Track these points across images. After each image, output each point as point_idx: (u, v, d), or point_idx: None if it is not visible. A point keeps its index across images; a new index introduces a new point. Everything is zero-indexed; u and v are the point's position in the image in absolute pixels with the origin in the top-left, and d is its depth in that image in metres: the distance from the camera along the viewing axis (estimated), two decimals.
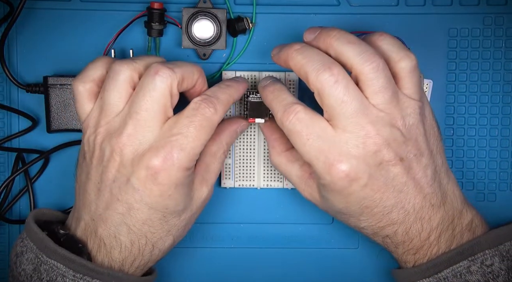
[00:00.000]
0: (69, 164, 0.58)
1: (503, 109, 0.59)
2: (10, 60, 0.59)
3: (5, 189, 0.58)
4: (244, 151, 0.59)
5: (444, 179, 0.52)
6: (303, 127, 0.49)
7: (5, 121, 0.59)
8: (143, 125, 0.49)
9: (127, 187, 0.49)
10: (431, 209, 0.51)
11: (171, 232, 0.52)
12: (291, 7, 0.58)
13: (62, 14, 0.58)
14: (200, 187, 0.53)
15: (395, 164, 0.49)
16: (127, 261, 0.51)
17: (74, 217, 0.53)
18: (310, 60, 0.49)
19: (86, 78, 0.51)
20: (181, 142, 0.49)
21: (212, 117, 0.50)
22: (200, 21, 0.57)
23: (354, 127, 0.48)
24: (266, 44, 0.59)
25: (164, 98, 0.49)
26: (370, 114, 0.48)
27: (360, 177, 0.48)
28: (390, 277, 0.57)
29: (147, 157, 0.48)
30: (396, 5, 0.59)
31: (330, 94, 0.48)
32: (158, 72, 0.49)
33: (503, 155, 0.60)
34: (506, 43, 0.59)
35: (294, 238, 0.60)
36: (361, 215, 0.51)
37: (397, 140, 0.49)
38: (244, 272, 0.60)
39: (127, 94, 0.50)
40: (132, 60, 0.51)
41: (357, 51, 0.48)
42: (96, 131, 0.51)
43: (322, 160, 0.49)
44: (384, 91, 0.48)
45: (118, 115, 0.50)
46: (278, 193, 0.60)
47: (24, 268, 0.50)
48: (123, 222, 0.50)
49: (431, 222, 0.51)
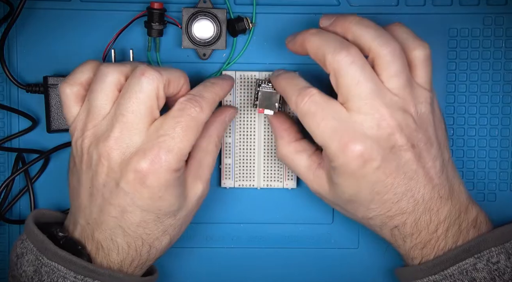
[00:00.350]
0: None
1: (503, 109, 0.59)
2: (10, 60, 0.59)
3: (5, 189, 0.58)
4: (244, 151, 0.59)
5: (450, 172, 0.52)
6: (318, 108, 0.49)
7: (5, 121, 0.59)
8: (130, 128, 0.49)
9: (118, 191, 0.49)
10: (439, 200, 0.51)
11: (167, 232, 0.52)
12: (291, 7, 0.58)
13: (62, 14, 0.58)
14: (194, 184, 0.53)
15: (407, 150, 0.49)
16: (125, 262, 0.51)
17: (71, 220, 0.53)
18: (328, 41, 0.49)
19: (73, 81, 0.51)
20: (168, 143, 0.48)
21: (198, 117, 0.50)
22: (200, 21, 0.57)
23: (369, 109, 0.48)
24: (266, 44, 0.59)
25: (150, 100, 0.49)
26: (385, 97, 0.49)
27: (373, 158, 0.48)
28: (390, 277, 0.57)
29: (134, 160, 0.48)
30: (396, 5, 0.59)
31: (346, 74, 0.48)
32: (145, 73, 0.49)
33: (503, 155, 0.60)
34: (506, 43, 0.59)
35: (294, 238, 0.60)
36: (371, 203, 0.50)
37: (409, 126, 0.49)
38: (244, 272, 0.60)
39: (113, 96, 0.50)
40: (120, 64, 0.51)
41: (375, 35, 0.49)
42: (83, 135, 0.50)
43: (336, 140, 0.48)
44: (399, 75, 0.49)
45: (105, 118, 0.50)
46: (278, 193, 0.60)
47: (25, 270, 0.50)
48: (118, 225, 0.50)
49: (439, 215, 0.51)
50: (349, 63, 0.48)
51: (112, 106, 0.50)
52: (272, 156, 0.59)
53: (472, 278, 0.50)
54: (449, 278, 0.50)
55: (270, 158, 0.59)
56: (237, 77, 0.58)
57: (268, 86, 0.56)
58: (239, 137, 0.59)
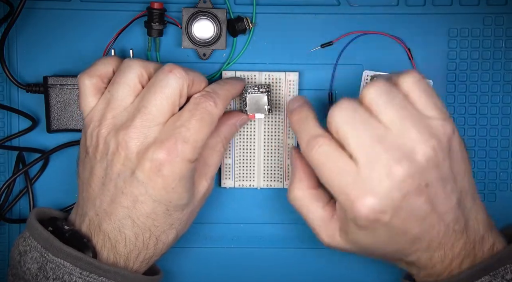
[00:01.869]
0: (69, 164, 0.58)
1: (503, 109, 0.59)
2: (10, 60, 0.59)
3: (6, 190, 0.58)
4: (244, 151, 0.59)
5: (469, 203, 0.50)
6: (326, 161, 0.48)
7: (5, 121, 0.59)
8: (151, 120, 0.50)
9: (132, 180, 0.50)
10: (453, 235, 0.49)
11: (174, 226, 0.52)
12: (291, 7, 0.58)
13: (62, 14, 0.58)
14: (200, 181, 0.53)
15: (419, 194, 0.47)
16: (132, 255, 0.51)
17: (77, 213, 0.53)
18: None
19: (93, 72, 0.52)
20: (184, 134, 0.49)
21: (212, 111, 0.51)
22: (200, 21, 0.57)
23: (375, 158, 0.46)
24: (266, 44, 0.59)
25: (174, 96, 0.50)
26: (386, 140, 0.47)
27: (384, 212, 0.46)
28: (390, 277, 0.57)
29: (151, 150, 0.49)
30: (396, 5, 0.59)
31: (342, 130, 0.47)
32: (173, 70, 0.50)
33: (503, 155, 0.60)
34: (506, 43, 0.59)
35: (293, 238, 0.60)
36: (386, 248, 0.50)
37: (420, 167, 0.46)
38: (244, 272, 0.60)
39: (136, 89, 0.51)
40: (144, 60, 0.52)
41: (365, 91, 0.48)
42: (100, 125, 0.51)
43: (345, 195, 0.47)
44: (395, 112, 0.47)
45: (126, 110, 0.51)
46: (278, 193, 0.60)
47: (28, 267, 0.50)
48: (127, 216, 0.50)
49: (454, 249, 0.50)
50: (343, 122, 0.47)
51: (134, 99, 0.51)
52: (272, 156, 0.59)
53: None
54: None
55: (270, 157, 0.59)
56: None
57: (254, 90, 0.56)
58: (239, 137, 0.59)
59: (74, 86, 0.57)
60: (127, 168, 0.50)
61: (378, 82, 0.48)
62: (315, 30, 0.58)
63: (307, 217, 0.53)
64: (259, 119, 0.58)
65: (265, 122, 0.59)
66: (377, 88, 0.47)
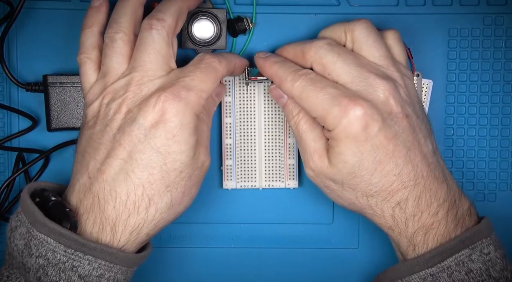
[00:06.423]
0: (69, 163, 0.58)
1: (503, 109, 0.59)
2: (10, 60, 0.59)
3: (6, 189, 0.58)
4: (244, 152, 0.59)
5: (440, 159, 0.53)
6: (315, 82, 0.51)
7: (5, 121, 0.59)
8: (150, 76, 0.51)
9: (132, 128, 0.49)
10: (436, 181, 0.51)
11: (169, 188, 0.50)
12: (291, 7, 0.58)
13: (62, 14, 0.58)
14: (199, 148, 0.51)
15: (403, 118, 0.50)
16: (121, 219, 0.49)
17: (69, 186, 0.51)
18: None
19: (84, 48, 0.53)
20: (188, 82, 0.50)
21: (217, 67, 0.52)
22: (200, 21, 0.57)
23: (360, 77, 0.50)
24: (266, 44, 0.59)
25: (165, 48, 0.51)
26: (370, 66, 0.51)
27: (375, 120, 0.49)
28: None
29: (155, 97, 0.49)
30: (396, 5, 0.59)
31: (325, 57, 0.52)
32: (152, 26, 0.51)
33: (503, 155, 0.60)
34: (506, 43, 0.59)
35: (294, 238, 0.60)
36: (373, 175, 0.50)
37: (401, 95, 0.51)
38: (244, 272, 0.60)
39: (127, 55, 0.52)
40: (122, 25, 0.52)
41: (347, 23, 0.53)
42: (102, 95, 0.51)
43: (337, 105, 0.49)
44: (378, 47, 0.53)
45: (123, 75, 0.51)
46: (280, 193, 0.60)
47: (16, 244, 0.48)
48: (121, 169, 0.49)
49: (438, 196, 0.51)
50: (322, 48, 0.52)
51: (129, 64, 0.51)
52: (273, 156, 0.59)
53: (469, 269, 0.50)
54: (447, 271, 0.50)
55: (271, 157, 0.59)
56: (237, 77, 0.58)
57: None
58: (240, 138, 0.59)
59: (74, 84, 0.57)
60: (129, 119, 0.49)
61: (362, 21, 0.53)
62: (315, 30, 0.58)
63: (301, 137, 0.53)
64: (259, 120, 0.58)
65: (265, 123, 0.59)
66: (365, 27, 0.53)
